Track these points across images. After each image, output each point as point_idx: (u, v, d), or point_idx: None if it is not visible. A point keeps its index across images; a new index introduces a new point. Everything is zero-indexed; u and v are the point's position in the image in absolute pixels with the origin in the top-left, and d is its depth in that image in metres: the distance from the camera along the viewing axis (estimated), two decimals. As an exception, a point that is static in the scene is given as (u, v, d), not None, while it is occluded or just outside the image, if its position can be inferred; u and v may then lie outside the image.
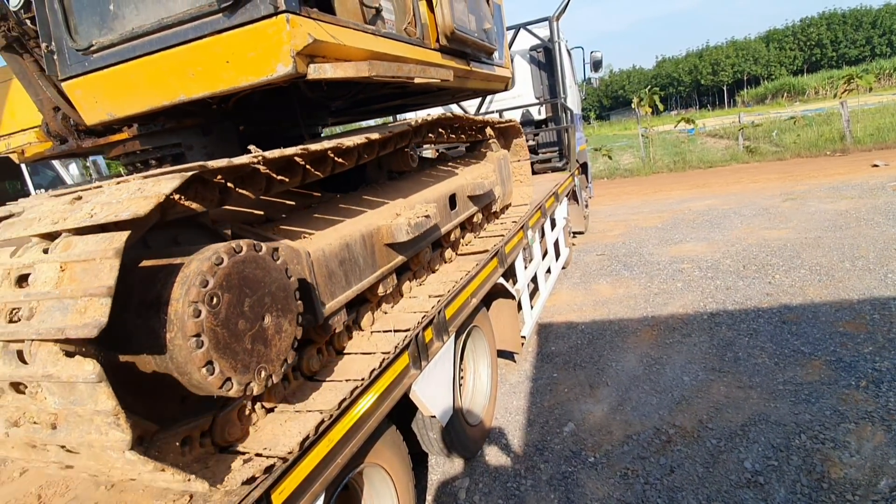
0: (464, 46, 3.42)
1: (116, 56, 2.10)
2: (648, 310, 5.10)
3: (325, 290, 1.99)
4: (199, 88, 2.03)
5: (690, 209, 9.64)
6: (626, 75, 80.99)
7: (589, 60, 9.58)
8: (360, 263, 2.25)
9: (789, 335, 4.11)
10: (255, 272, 1.50)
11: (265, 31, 1.85)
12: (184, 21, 1.96)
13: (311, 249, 1.94)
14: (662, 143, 23.17)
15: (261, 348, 1.49)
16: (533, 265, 4.67)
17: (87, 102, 2.26)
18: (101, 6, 2.12)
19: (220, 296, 1.36)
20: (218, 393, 1.36)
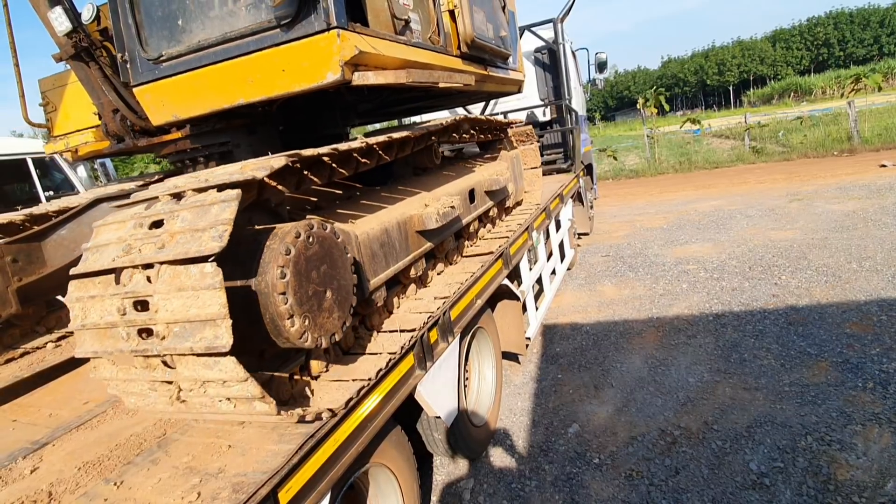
0: (482, 53, 3.65)
1: (184, 65, 2.38)
2: (653, 311, 5.09)
3: (369, 268, 2.29)
4: (257, 93, 2.30)
5: (696, 210, 9.61)
6: (632, 76, 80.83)
7: (594, 61, 9.57)
8: (397, 247, 2.53)
9: (795, 336, 4.09)
10: (324, 246, 1.80)
11: (318, 44, 2.12)
12: (245, 35, 2.23)
13: (358, 232, 2.24)
14: (668, 144, 23.07)
15: (328, 309, 1.79)
16: (538, 267, 4.67)
17: (156, 105, 2.56)
18: (170, 21, 2.42)
19: (298, 262, 1.66)
20: (297, 343, 1.64)
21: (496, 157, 4.68)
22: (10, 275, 2.78)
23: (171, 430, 1.80)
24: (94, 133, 3.23)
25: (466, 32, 3.33)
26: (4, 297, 2.77)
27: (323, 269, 1.79)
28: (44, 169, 6.43)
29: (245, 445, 1.60)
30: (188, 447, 1.65)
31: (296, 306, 1.62)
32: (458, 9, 3.31)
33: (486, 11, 3.75)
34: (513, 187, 4.61)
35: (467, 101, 6.47)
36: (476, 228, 3.77)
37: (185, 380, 1.56)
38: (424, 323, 2.37)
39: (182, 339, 1.46)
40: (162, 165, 22.33)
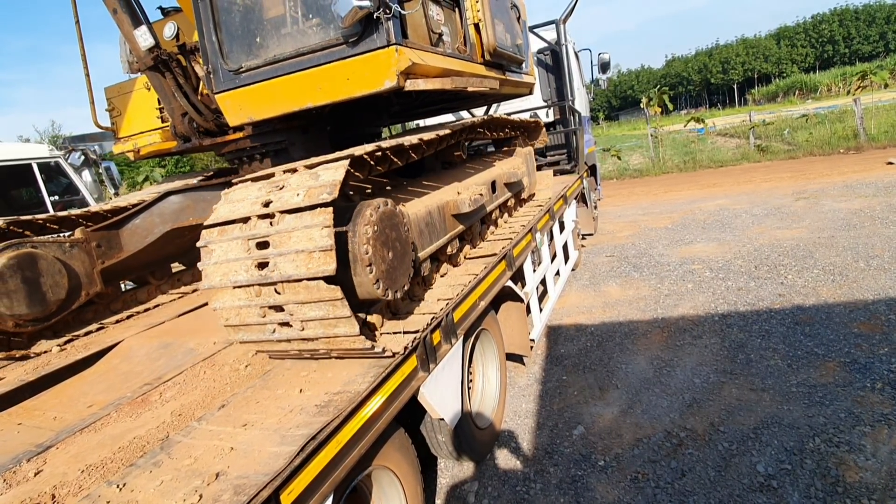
0: (502, 60, 4.06)
1: (261, 75, 2.80)
2: (658, 311, 5.06)
3: (419, 242, 2.68)
4: (324, 98, 2.71)
5: (701, 209, 9.56)
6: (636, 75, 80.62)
7: (597, 62, 9.54)
8: (437, 227, 2.94)
9: (802, 336, 4.06)
10: (393, 220, 2.27)
11: (380, 58, 2.54)
12: (315, 50, 2.66)
13: (410, 213, 2.61)
14: (672, 143, 22.99)
15: (397, 268, 2.26)
16: (542, 268, 4.66)
17: (234, 109, 2.99)
18: (248, 38, 2.87)
19: (378, 228, 2.13)
20: (373, 290, 2.08)
21: (512, 153, 5.03)
22: (95, 258, 3.29)
23: (174, 433, 1.80)
24: (161, 134, 3.74)
25: (490, 42, 3.71)
26: (91, 277, 3.27)
27: (393, 235, 2.24)
28: (49, 174, 6.48)
29: (247, 447, 1.60)
30: (190, 449, 1.65)
31: (374, 259, 2.06)
32: (483, 22, 3.71)
33: (505, 23, 4.16)
34: (527, 181, 4.98)
35: (482, 103, 6.82)
36: (497, 216, 4.21)
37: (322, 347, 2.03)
38: (428, 324, 2.36)
39: (318, 330, 1.93)
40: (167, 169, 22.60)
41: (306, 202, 1.88)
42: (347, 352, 2.11)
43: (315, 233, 1.84)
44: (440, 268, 3.20)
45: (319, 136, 3.56)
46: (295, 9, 2.89)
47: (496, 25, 3.92)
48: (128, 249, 3.46)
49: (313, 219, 1.85)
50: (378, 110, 4.09)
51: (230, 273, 1.98)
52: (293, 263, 1.85)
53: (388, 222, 2.22)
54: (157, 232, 3.54)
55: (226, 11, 3.06)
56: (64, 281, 3.09)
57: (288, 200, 1.94)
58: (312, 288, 1.85)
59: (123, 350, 2.91)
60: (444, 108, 6.10)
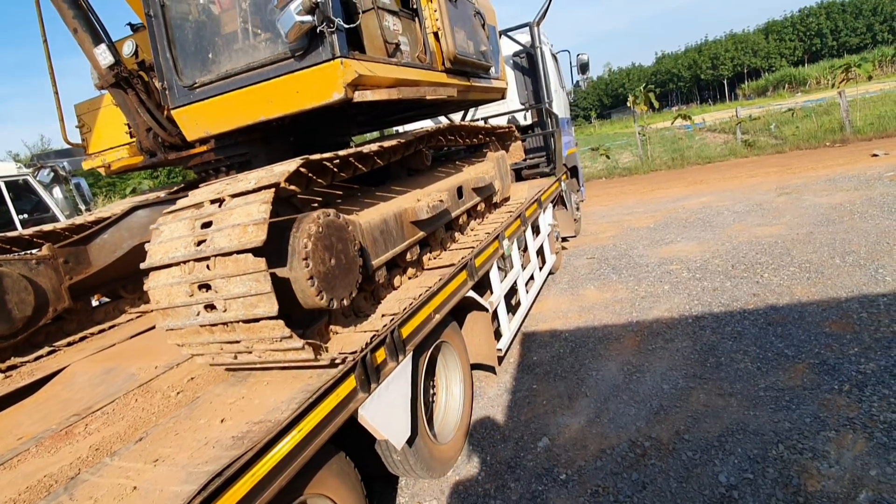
0: (465, 67, 4.10)
1: (214, 90, 2.87)
2: (634, 314, 5.00)
3: (372, 251, 2.73)
4: (276, 111, 2.79)
5: (685, 207, 9.52)
6: (626, 73, 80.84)
7: (576, 63, 9.51)
8: (394, 235, 2.98)
9: (774, 337, 4.00)
10: (334, 229, 2.27)
11: (326, 71, 2.61)
12: (265, 64, 2.74)
13: (362, 221, 2.68)
14: (661, 141, 22.98)
15: (340, 280, 2.27)
16: (511, 275, 4.59)
17: (190, 124, 3.07)
18: (201, 54, 2.95)
19: (318, 239, 2.14)
20: (316, 302, 2.12)
21: (483, 158, 5.07)
22: (62, 274, 3.29)
23: (86, 470, 1.72)
24: (129, 149, 3.78)
25: (449, 50, 3.75)
26: (59, 294, 3.27)
27: (338, 246, 2.27)
28: (17, 192, 6.38)
29: (151, 486, 1.52)
30: (94, 489, 1.57)
31: (315, 273, 2.09)
32: (441, 31, 3.76)
33: (467, 30, 4.16)
34: (499, 185, 4.99)
35: (455, 109, 6.85)
36: (465, 221, 4.23)
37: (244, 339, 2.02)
38: (367, 343, 2.29)
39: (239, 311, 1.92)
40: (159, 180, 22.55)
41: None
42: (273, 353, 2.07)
43: (253, 208, 1.92)
44: (405, 272, 3.24)
45: (283, 148, 3.57)
46: (245, 24, 3.07)
47: (456, 33, 3.95)
48: (96, 265, 3.48)
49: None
50: (343, 120, 4.15)
51: (170, 251, 2.05)
52: (227, 237, 1.91)
53: (332, 231, 2.25)
54: (126, 246, 3.52)
55: (179, 28, 3.22)
56: (30, 298, 3.08)
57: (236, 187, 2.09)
58: (240, 260, 1.88)
59: (67, 376, 2.83)
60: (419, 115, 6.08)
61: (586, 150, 24.30)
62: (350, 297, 2.33)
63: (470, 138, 4.96)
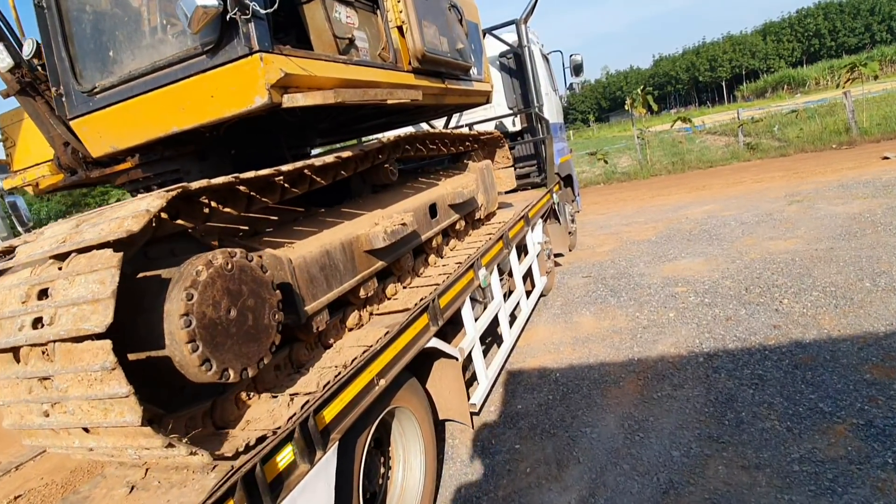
0: (437, 66, 3.65)
1: (116, 96, 2.37)
2: (635, 349, 4.34)
3: (306, 292, 2.19)
4: (190, 120, 2.28)
5: (688, 217, 8.87)
6: (624, 76, 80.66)
7: (569, 64, 8.91)
8: (341, 269, 2.45)
9: (803, 385, 3.34)
10: (238, 277, 1.72)
11: (243, 69, 2.12)
12: (173, 63, 2.24)
13: (293, 257, 2.15)
14: (661, 144, 22.37)
15: (242, 343, 1.69)
16: (491, 308, 3.93)
17: (93, 137, 2.56)
18: (101, 53, 2.45)
19: (207, 290, 1.58)
20: (202, 379, 1.56)
21: (464, 170, 4.51)
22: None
23: None
24: (49, 167, 3.32)
25: (416, 48, 3.32)
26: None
27: (236, 300, 1.70)
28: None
29: None
30: None
31: (204, 346, 1.54)
32: (407, 25, 3.30)
33: (440, 25, 3.72)
34: (483, 199, 4.47)
35: (434, 114, 6.23)
36: (440, 243, 3.66)
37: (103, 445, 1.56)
38: (256, 452, 1.63)
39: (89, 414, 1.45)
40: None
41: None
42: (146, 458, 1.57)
43: (93, 281, 1.41)
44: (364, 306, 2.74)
45: (221, 163, 3.04)
46: (151, 14, 2.45)
47: (426, 28, 3.47)
48: None
49: (99, 260, 1.44)
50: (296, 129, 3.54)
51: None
52: (64, 319, 1.43)
53: (233, 279, 1.71)
54: None
55: (76, 21, 2.71)
56: None
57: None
58: (78, 351, 1.40)
59: None
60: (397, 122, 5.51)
61: (584, 155, 23.74)
62: (259, 364, 1.76)
63: (447, 147, 4.34)
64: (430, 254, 3.60)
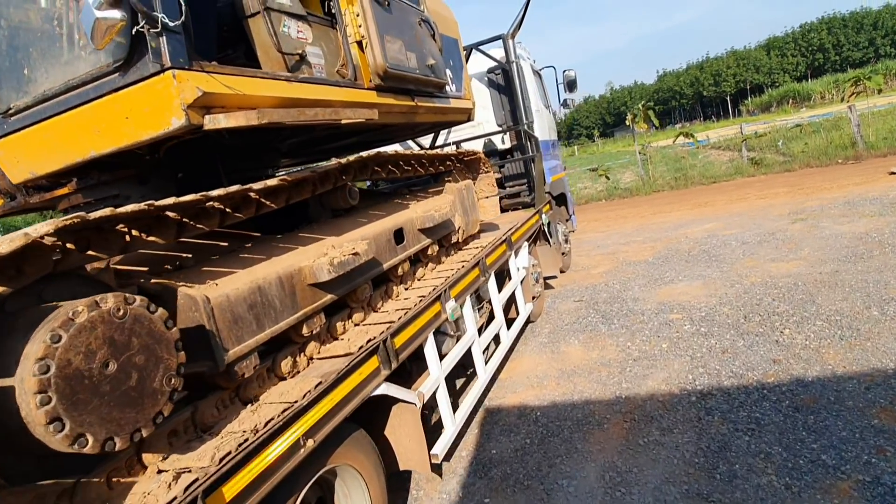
0: (404, 83, 3.50)
1: (31, 118, 2.21)
2: (623, 385, 4.00)
3: (228, 335, 1.93)
4: (106, 144, 2.09)
5: (687, 236, 8.55)
6: (628, 91, 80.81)
7: (562, 80, 8.71)
8: (277, 305, 2.19)
9: (805, 432, 2.99)
10: (130, 327, 1.48)
11: (155, 88, 1.93)
12: (86, 82, 2.06)
13: (213, 295, 1.89)
14: (664, 159, 22.14)
15: (119, 407, 1.43)
16: (463, 343, 3.62)
17: (11, 162, 2.39)
18: (16, 72, 2.28)
19: (77, 342, 1.35)
20: (69, 450, 1.32)
21: (441, 190, 4.24)
22: None
23: None
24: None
25: (377, 64, 3.16)
26: None
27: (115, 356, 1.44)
28: None
29: None
30: None
31: (63, 408, 1.30)
32: (367, 39, 3.14)
33: (407, 40, 3.56)
34: (461, 221, 4.19)
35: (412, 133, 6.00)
36: (407, 270, 3.38)
37: None
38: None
39: None
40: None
41: None
42: None
43: None
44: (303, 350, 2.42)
45: (165, 187, 2.84)
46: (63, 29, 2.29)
47: (389, 43, 3.33)
48: None
49: None
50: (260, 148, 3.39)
51: None
52: None
53: (116, 329, 1.44)
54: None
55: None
56: None
57: None
58: None
59: None
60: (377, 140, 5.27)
61: (585, 171, 23.51)
62: (133, 436, 1.45)
63: (422, 168, 4.07)
64: (396, 283, 3.34)
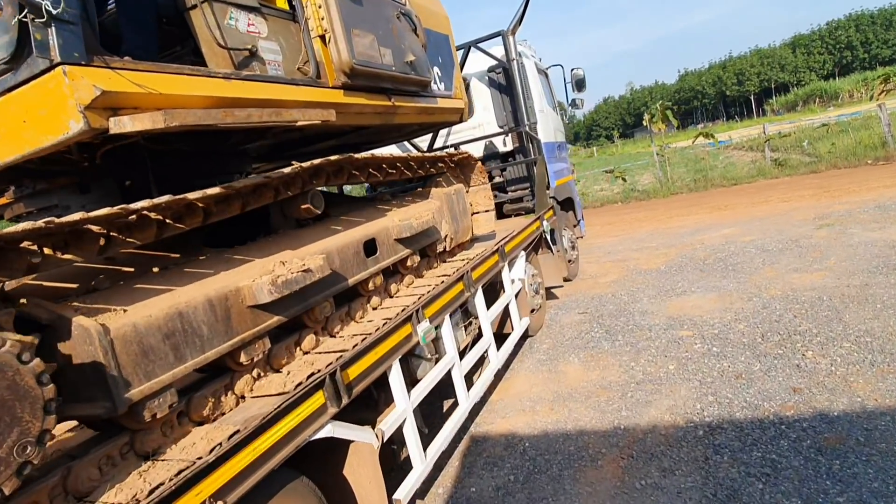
0: (377, 81, 3.25)
1: None
2: (623, 413, 3.60)
3: (134, 371, 1.67)
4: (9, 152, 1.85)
5: (703, 243, 8.05)
6: (648, 91, 79.51)
7: (570, 79, 8.31)
8: (204, 332, 1.92)
9: (829, 481, 2.56)
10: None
11: (47, 87, 1.69)
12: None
13: (115, 325, 1.63)
14: (684, 160, 21.42)
15: None
16: (440, 367, 3.27)
17: None
18: None
19: None
20: None
21: (427, 196, 3.92)
22: None
23: None
24: None
25: (342, 60, 2.89)
26: None
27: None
28: None
29: None
30: None
31: None
32: (330, 33, 2.87)
33: (381, 35, 3.28)
34: (449, 229, 3.88)
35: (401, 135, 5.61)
36: (379, 285, 3.07)
37: None
38: None
39: None
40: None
41: None
42: None
43: None
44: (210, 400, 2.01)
45: (109, 196, 2.64)
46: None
47: (357, 38, 3.05)
48: None
49: None
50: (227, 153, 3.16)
51: None
52: None
53: None
54: None
55: None
56: None
57: None
58: None
59: None
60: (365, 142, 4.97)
61: (602, 172, 22.91)
62: None
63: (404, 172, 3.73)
64: (365, 299, 3.02)
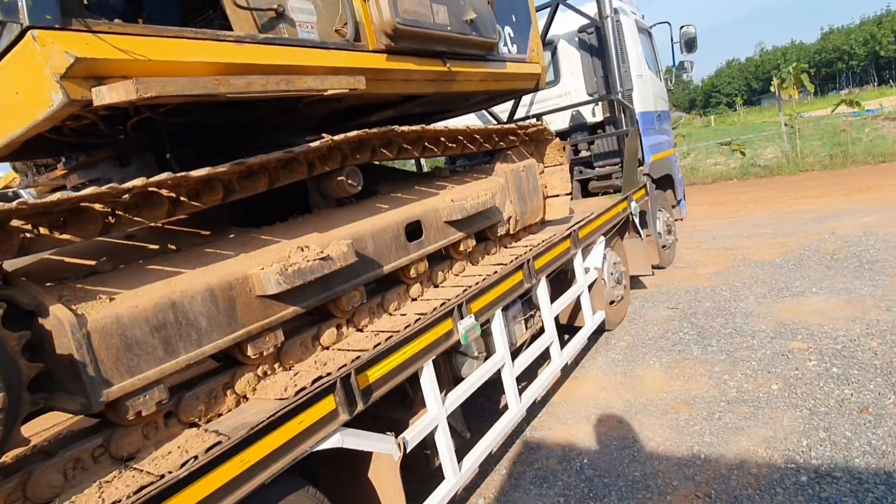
0: (428, 44, 2.92)
1: None
2: (706, 439, 3.04)
3: (114, 366, 1.58)
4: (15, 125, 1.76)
5: (834, 232, 6.79)
6: (782, 52, 70.25)
7: (679, 38, 7.30)
8: (202, 325, 1.80)
9: None
10: None
11: (23, 55, 1.58)
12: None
13: (94, 317, 1.54)
14: (819, 132, 18.54)
15: None
16: (485, 369, 2.92)
17: None
18: None
19: None
20: None
21: (490, 173, 3.62)
22: None
23: None
24: None
25: (384, 19, 2.60)
26: None
27: None
28: None
29: None
30: None
31: None
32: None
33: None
34: (513, 210, 3.57)
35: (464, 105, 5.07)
36: (421, 272, 2.82)
37: None
38: None
39: None
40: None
41: None
42: None
43: None
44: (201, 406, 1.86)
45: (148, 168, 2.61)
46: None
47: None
48: None
49: None
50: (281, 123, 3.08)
51: None
52: None
53: None
54: None
55: None
56: None
57: None
58: None
59: None
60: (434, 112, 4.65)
61: (717, 144, 20.56)
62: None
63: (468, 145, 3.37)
64: (405, 286, 2.78)
